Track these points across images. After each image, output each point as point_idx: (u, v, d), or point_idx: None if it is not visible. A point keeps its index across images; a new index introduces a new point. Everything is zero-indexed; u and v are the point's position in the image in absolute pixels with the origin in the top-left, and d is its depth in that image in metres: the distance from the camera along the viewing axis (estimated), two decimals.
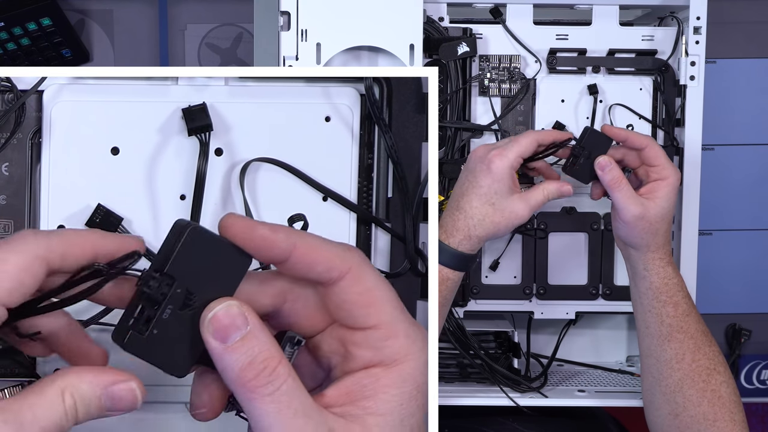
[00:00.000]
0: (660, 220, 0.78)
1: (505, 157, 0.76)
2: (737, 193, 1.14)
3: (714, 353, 0.80)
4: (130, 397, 0.44)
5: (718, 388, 0.79)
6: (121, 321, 0.44)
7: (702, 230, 0.90)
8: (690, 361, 0.79)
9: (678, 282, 0.80)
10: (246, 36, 1.17)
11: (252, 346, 0.42)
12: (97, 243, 0.45)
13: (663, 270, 0.79)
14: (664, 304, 0.79)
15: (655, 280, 0.79)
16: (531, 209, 0.77)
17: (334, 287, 0.46)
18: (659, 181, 0.78)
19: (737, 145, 1.13)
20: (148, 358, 0.44)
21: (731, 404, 0.79)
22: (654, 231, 0.78)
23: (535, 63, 0.90)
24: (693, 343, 0.79)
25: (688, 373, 0.79)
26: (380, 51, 0.84)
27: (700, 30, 0.87)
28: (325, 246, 0.46)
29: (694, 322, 0.80)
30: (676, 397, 0.80)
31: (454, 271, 0.77)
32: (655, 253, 0.78)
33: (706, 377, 0.79)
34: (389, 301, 0.46)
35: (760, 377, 1.15)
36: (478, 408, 0.90)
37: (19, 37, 1.13)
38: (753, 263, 1.15)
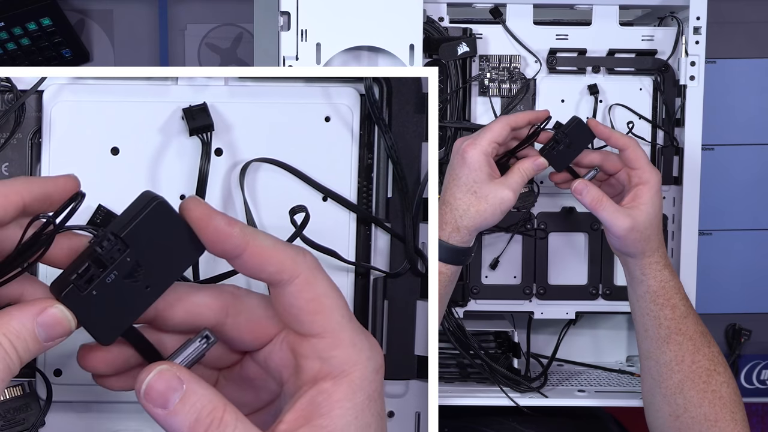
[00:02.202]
0: (649, 226, 0.78)
1: (477, 145, 0.77)
2: (737, 193, 1.14)
3: (713, 354, 0.80)
4: (61, 320, 0.43)
5: (718, 389, 0.79)
6: (63, 273, 0.44)
7: (702, 230, 0.90)
8: (690, 362, 0.79)
9: (675, 284, 0.80)
10: (246, 36, 1.17)
11: (193, 402, 0.42)
12: (23, 190, 0.44)
13: (660, 273, 0.79)
14: (662, 307, 0.79)
15: (652, 284, 0.79)
16: (513, 191, 0.77)
17: (284, 290, 0.46)
18: (641, 186, 0.78)
19: (737, 145, 1.13)
20: (80, 317, 0.43)
21: (732, 404, 0.79)
22: (646, 238, 0.78)
23: (535, 63, 0.90)
24: (692, 344, 0.79)
25: (688, 375, 0.79)
26: (380, 51, 0.84)
27: (700, 30, 0.87)
28: (279, 247, 0.46)
29: (692, 323, 0.80)
30: (677, 399, 0.79)
31: (447, 264, 0.78)
32: (651, 257, 0.78)
33: (707, 378, 0.79)
34: (337, 309, 0.46)
35: (760, 377, 1.15)
36: (478, 408, 0.90)
37: (19, 37, 1.13)
38: (753, 263, 1.15)
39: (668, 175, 0.90)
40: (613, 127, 0.89)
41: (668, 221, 0.91)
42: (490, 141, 0.77)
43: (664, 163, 0.90)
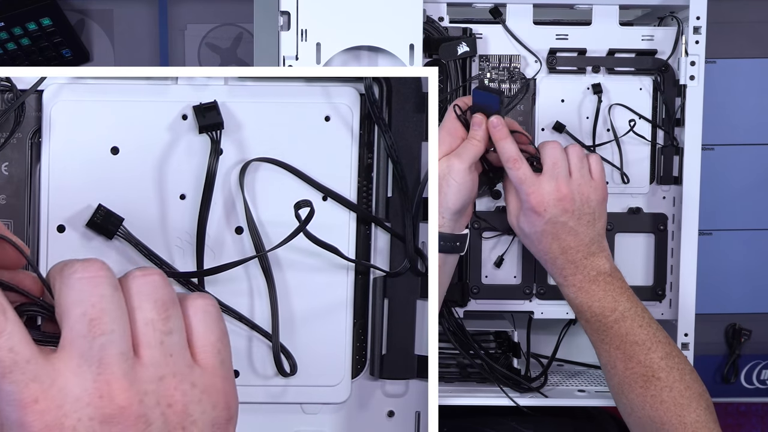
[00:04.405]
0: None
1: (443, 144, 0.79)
2: (737, 193, 1.14)
3: (652, 360, 0.78)
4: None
5: (658, 394, 0.77)
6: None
7: (702, 230, 0.90)
8: (622, 368, 0.79)
9: (583, 301, 0.80)
10: (246, 36, 1.17)
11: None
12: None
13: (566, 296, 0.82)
14: (578, 317, 0.82)
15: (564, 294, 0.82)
16: (459, 158, 0.77)
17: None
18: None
19: (737, 145, 1.13)
20: None
21: (678, 407, 0.77)
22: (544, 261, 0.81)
23: (535, 63, 0.90)
24: (621, 353, 0.79)
25: (624, 379, 0.79)
26: (380, 51, 0.84)
27: (700, 30, 0.87)
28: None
29: (618, 334, 0.79)
30: (621, 398, 0.80)
31: (439, 253, 0.78)
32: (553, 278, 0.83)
33: (644, 383, 0.78)
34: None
35: (760, 377, 1.15)
36: (478, 408, 0.90)
37: (19, 37, 1.13)
38: (753, 263, 1.15)
39: (668, 175, 0.90)
40: (613, 127, 0.89)
41: (668, 221, 0.91)
42: (454, 119, 0.80)
43: (664, 162, 0.90)
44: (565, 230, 0.78)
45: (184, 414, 0.43)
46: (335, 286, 0.75)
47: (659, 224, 0.91)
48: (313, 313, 0.74)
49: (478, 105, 0.79)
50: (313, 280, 0.74)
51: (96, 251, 0.72)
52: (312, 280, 0.74)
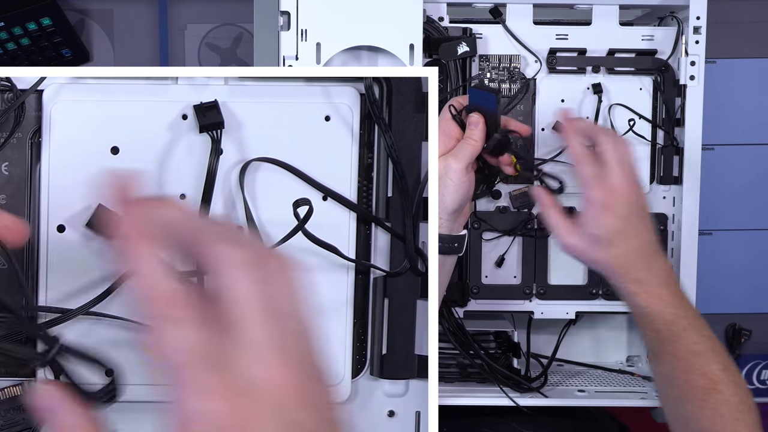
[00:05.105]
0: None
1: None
2: (737, 193, 1.14)
3: (713, 372, 0.76)
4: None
5: (718, 407, 0.75)
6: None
7: (702, 230, 0.90)
8: (684, 380, 0.77)
9: (656, 309, 0.76)
10: (246, 36, 1.17)
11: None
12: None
13: (632, 299, 0.77)
14: (644, 328, 0.78)
15: (630, 303, 0.78)
16: (456, 158, 0.77)
17: None
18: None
19: (737, 145, 1.13)
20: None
21: (733, 422, 0.75)
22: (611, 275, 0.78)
23: (535, 63, 0.90)
24: (683, 364, 0.76)
25: (684, 392, 0.77)
26: (380, 51, 0.84)
27: (700, 30, 0.87)
28: None
29: (684, 344, 0.76)
30: (677, 409, 0.78)
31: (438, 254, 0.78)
32: (624, 287, 0.78)
33: (703, 396, 0.76)
34: None
35: (760, 377, 1.15)
36: (478, 408, 0.90)
37: (19, 37, 1.13)
38: (753, 263, 1.15)
39: (668, 175, 0.90)
40: (613, 126, 0.89)
41: (668, 221, 0.91)
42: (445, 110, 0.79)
43: (664, 162, 0.90)
44: (641, 224, 0.76)
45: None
46: (335, 285, 0.75)
47: (659, 224, 0.91)
48: (314, 313, 0.74)
49: (474, 104, 0.79)
50: (313, 280, 0.74)
51: (96, 251, 0.72)
52: (312, 279, 0.74)
